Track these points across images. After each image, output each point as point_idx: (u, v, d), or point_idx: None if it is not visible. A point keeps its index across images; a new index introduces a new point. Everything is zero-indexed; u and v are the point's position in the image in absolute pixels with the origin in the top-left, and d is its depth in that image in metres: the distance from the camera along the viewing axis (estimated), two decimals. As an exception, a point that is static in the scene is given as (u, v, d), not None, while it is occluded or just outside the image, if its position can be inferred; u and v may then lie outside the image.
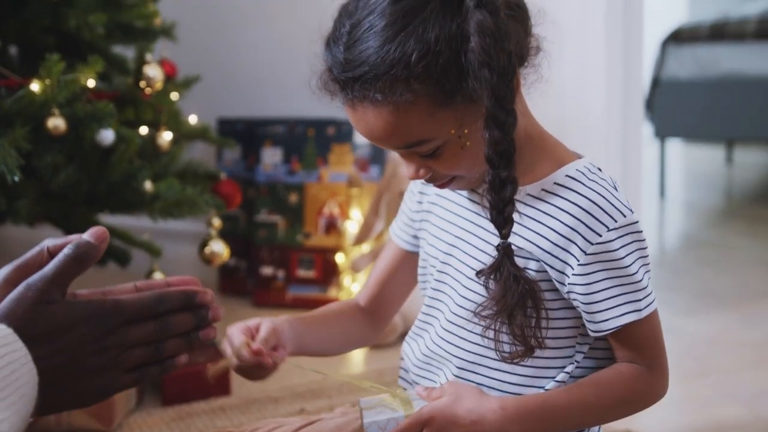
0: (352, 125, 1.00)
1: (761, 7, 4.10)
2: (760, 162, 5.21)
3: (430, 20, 0.90)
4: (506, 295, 0.95)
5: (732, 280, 2.61)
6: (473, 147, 0.96)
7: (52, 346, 0.77)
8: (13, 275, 0.82)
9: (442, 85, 0.92)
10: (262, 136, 2.47)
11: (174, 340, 0.85)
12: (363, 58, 0.92)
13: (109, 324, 0.80)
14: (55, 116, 1.61)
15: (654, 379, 1.04)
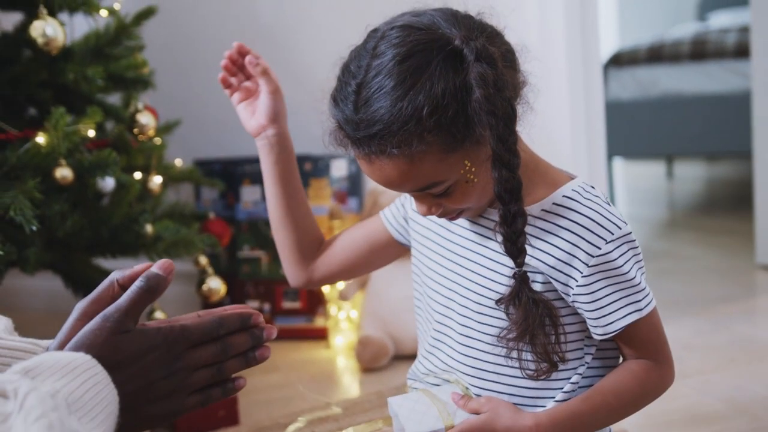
0: (367, 174, 1.06)
1: (693, 30, 4.33)
2: (699, 175, 5.45)
3: (436, 76, 0.97)
4: (527, 319, 1.03)
5: (691, 287, 2.76)
6: (480, 182, 1.04)
7: (128, 372, 0.83)
8: (89, 308, 0.89)
9: (452, 134, 0.99)
10: (240, 174, 2.54)
11: (233, 360, 0.92)
12: (377, 117, 0.99)
13: (177, 349, 0.87)
14: (62, 166, 1.67)
15: (662, 370, 1.14)
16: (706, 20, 5.62)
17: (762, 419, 1.72)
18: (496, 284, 1.12)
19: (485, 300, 1.13)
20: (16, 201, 1.55)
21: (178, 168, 2.18)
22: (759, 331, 2.33)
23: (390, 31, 1.04)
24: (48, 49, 1.71)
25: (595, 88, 2.29)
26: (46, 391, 0.72)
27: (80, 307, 0.90)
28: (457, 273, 1.17)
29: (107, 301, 0.90)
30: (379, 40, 1.04)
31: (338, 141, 1.08)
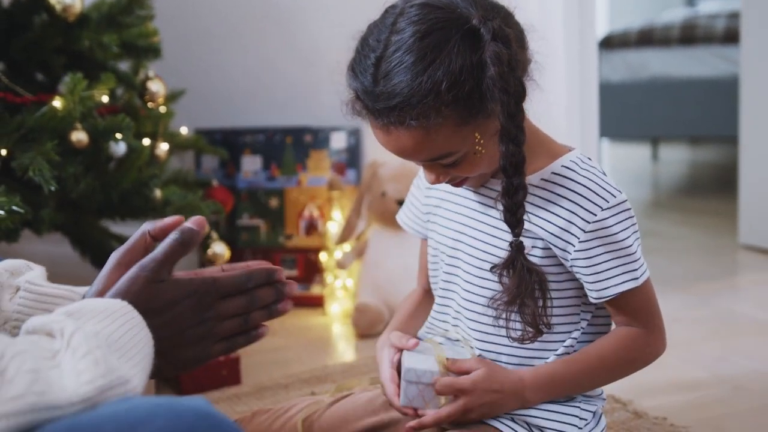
0: (381, 144, 1.12)
1: (682, 15, 4.40)
2: (683, 158, 5.54)
3: (454, 53, 1.03)
4: (520, 286, 1.10)
5: (678, 265, 2.85)
6: (487, 153, 1.10)
7: (162, 319, 0.88)
8: (123, 258, 0.94)
9: (467, 108, 1.05)
10: (241, 144, 2.60)
11: (258, 311, 0.97)
12: (397, 90, 1.04)
13: (208, 299, 0.92)
14: (78, 130, 1.72)
15: (652, 338, 1.19)
16: (695, 5, 5.69)
17: (743, 387, 1.81)
18: (496, 249, 1.17)
19: (486, 264, 1.18)
20: (35, 162, 1.60)
21: (183, 136, 2.23)
22: (741, 306, 2.42)
23: (409, 9, 1.08)
24: (65, 16, 1.75)
25: (590, 69, 2.36)
26: (90, 331, 0.78)
27: (115, 257, 0.95)
28: (461, 241, 1.23)
29: (140, 250, 0.95)
30: (398, 16, 1.09)
31: (355, 111, 1.13)
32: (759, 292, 2.52)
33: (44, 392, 0.70)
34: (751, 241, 2.94)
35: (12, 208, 1.52)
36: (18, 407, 0.67)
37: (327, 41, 2.62)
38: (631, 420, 1.64)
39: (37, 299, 1.00)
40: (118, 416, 0.70)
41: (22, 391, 0.68)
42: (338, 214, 2.49)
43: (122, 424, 0.69)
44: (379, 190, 2.30)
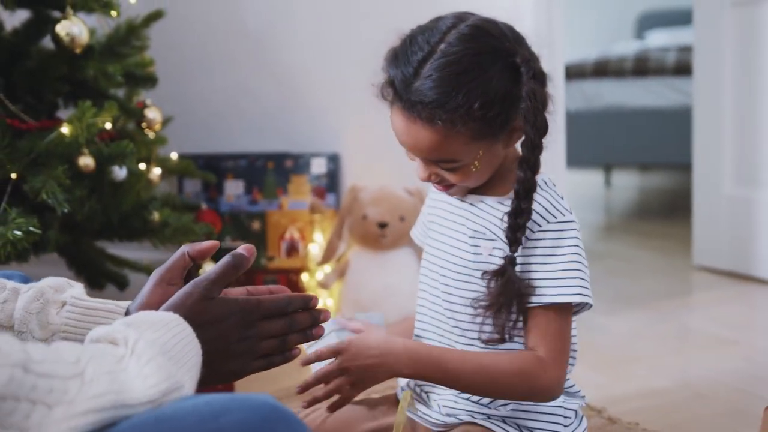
0: (396, 130, 1.22)
1: (635, 48, 4.61)
2: (634, 184, 5.76)
3: (495, 79, 1.16)
4: (501, 294, 1.19)
5: (636, 285, 3.00)
6: (479, 170, 1.22)
7: (210, 333, 0.96)
8: (164, 275, 1.05)
9: (488, 128, 1.17)
10: (224, 169, 2.70)
11: (295, 334, 1.06)
12: (435, 93, 1.15)
13: (252, 318, 1.01)
14: (85, 155, 1.81)
15: (546, 367, 1.20)
16: (644, 38, 5.94)
17: (704, 395, 1.95)
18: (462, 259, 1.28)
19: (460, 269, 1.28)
20: (47, 185, 1.69)
21: (174, 161, 2.33)
22: (698, 322, 2.58)
23: (464, 27, 1.19)
24: (72, 47, 1.84)
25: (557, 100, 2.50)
26: (150, 339, 0.88)
27: (157, 274, 1.05)
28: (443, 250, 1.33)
29: (179, 269, 1.06)
30: (450, 28, 1.19)
31: (384, 95, 1.23)
32: (714, 309, 2.68)
33: (121, 391, 0.78)
34: (704, 262, 3.12)
35: (29, 229, 1.60)
36: (100, 404, 0.75)
37: (305, 70, 2.74)
38: (607, 426, 1.77)
39: (84, 313, 1.08)
40: (199, 408, 0.79)
41: (102, 390, 0.76)
42: (319, 236, 2.60)
43: (205, 415, 0.78)
44: (360, 213, 2.41)
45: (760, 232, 2.89)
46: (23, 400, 0.70)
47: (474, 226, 1.28)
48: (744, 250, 2.95)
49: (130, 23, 2.07)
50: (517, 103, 1.18)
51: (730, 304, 2.74)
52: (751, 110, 2.89)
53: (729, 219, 3.00)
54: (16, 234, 1.60)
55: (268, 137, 2.77)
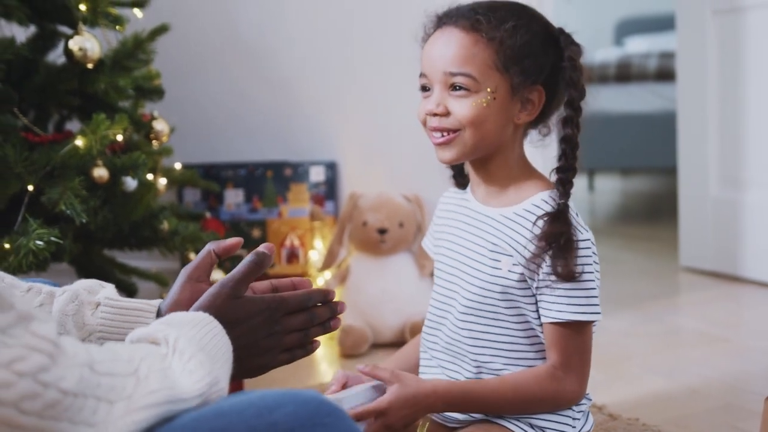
0: (424, 56, 1.28)
1: (617, 54, 4.71)
2: (617, 187, 5.86)
3: (539, 33, 1.26)
4: (559, 232, 1.22)
5: (626, 286, 3.08)
6: (490, 114, 1.25)
7: (239, 330, 1.01)
8: (192, 273, 1.11)
9: (516, 67, 1.23)
10: (224, 178, 2.75)
11: (317, 327, 1.12)
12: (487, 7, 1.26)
13: (277, 315, 1.06)
14: (99, 167, 1.87)
15: (568, 384, 1.26)
16: (623, 45, 6.04)
17: (698, 391, 2.03)
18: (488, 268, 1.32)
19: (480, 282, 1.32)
20: (65, 196, 1.74)
21: (178, 171, 2.38)
22: (687, 322, 2.67)
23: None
24: (84, 61, 1.90)
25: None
26: (189, 337, 0.93)
27: (185, 272, 1.11)
28: (458, 260, 1.37)
29: (207, 266, 1.11)
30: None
31: (425, 31, 1.31)
32: (702, 308, 2.77)
33: (173, 386, 0.83)
34: (691, 264, 3.21)
35: (51, 239, 1.65)
36: (157, 399, 0.80)
37: (302, 81, 2.81)
38: (608, 422, 1.84)
39: (118, 312, 1.12)
40: (254, 402, 0.85)
41: (157, 386, 0.81)
42: (320, 243, 2.66)
43: (261, 408, 0.84)
44: (361, 220, 2.48)
45: (745, 233, 2.98)
46: (90, 397, 0.75)
47: (494, 239, 1.31)
48: (730, 251, 3.04)
49: (137, 37, 2.12)
50: (546, 70, 1.25)
51: (718, 303, 2.83)
52: (734, 114, 2.98)
53: (714, 221, 3.09)
54: (38, 244, 1.65)
55: (267, 146, 2.83)
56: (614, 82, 4.37)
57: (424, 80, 1.30)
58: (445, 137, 1.27)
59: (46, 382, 0.71)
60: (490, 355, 1.33)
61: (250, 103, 2.86)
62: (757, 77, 2.90)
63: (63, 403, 0.72)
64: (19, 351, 0.70)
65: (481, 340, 1.34)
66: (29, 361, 0.70)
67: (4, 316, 0.70)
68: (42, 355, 0.72)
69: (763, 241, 2.94)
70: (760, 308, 2.80)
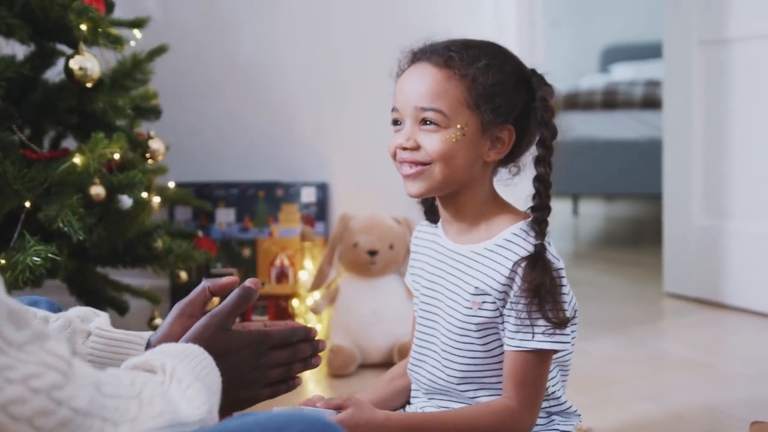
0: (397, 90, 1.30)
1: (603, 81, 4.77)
2: (601, 212, 5.92)
3: (512, 72, 1.30)
4: (543, 278, 1.24)
5: (610, 311, 3.12)
6: (459, 150, 1.27)
7: (227, 363, 1.03)
8: (185, 308, 1.13)
9: (487, 105, 1.26)
10: (215, 197, 2.77)
11: (299, 363, 1.15)
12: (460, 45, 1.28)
13: (263, 349, 1.10)
14: (96, 185, 1.89)
15: (521, 418, 1.29)
16: (609, 72, 6.13)
17: (684, 416, 2.06)
18: (465, 301, 1.35)
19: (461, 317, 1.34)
20: (62, 214, 1.76)
21: (171, 190, 2.40)
22: (672, 347, 2.71)
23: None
24: (84, 81, 1.92)
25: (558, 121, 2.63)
26: (185, 365, 0.95)
27: (178, 307, 1.13)
28: (436, 298, 1.40)
29: (200, 303, 1.14)
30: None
31: (399, 66, 1.34)
32: (686, 334, 2.81)
33: (176, 411, 0.85)
34: (674, 290, 3.25)
35: (48, 256, 1.67)
36: (161, 423, 0.82)
37: (294, 102, 2.84)
38: (594, 444, 1.88)
39: (108, 343, 1.14)
40: (261, 423, 0.87)
41: (161, 409, 0.83)
42: (310, 263, 2.69)
43: (268, 428, 0.86)
44: (351, 241, 2.50)
45: (728, 260, 3.03)
46: (97, 417, 0.77)
47: (468, 278, 1.33)
48: (713, 278, 3.09)
49: (135, 57, 2.15)
50: (517, 110, 1.28)
51: (701, 329, 2.87)
52: (719, 143, 3.04)
53: (698, 248, 3.14)
54: (35, 260, 1.66)
55: (259, 167, 2.85)
56: (600, 108, 4.43)
57: (396, 114, 1.31)
58: (414, 170, 1.29)
59: (59, 400, 0.73)
60: (475, 390, 1.36)
61: (244, 124, 2.89)
62: (741, 107, 2.96)
63: (74, 421, 0.74)
64: (35, 368, 0.72)
65: (466, 377, 1.36)
66: (44, 378, 0.72)
67: (21, 334, 0.72)
68: (57, 373, 0.73)
69: (745, 268, 2.99)
70: (742, 334, 2.84)
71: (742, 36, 2.94)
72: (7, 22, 1.88)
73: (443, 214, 1.40)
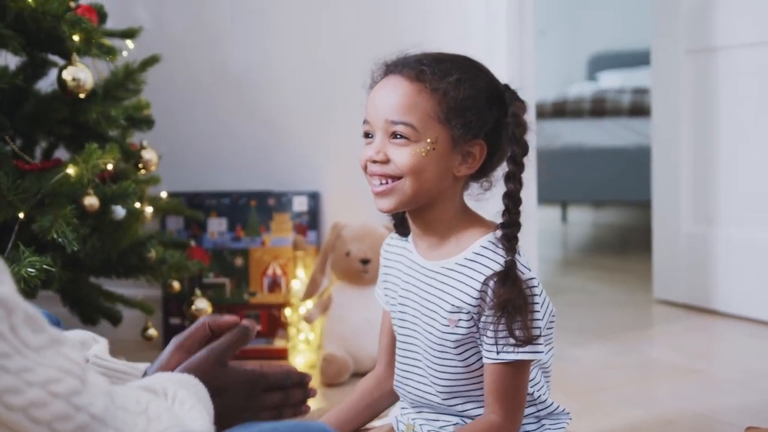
0: (369, 102, 1.30)
1: (591, 89, 4.81)
2: (589, 220, 5.96)
3: (484, 88, 1.29)
4: (511, 295, 1.24)
5: (600, 318, 3.14)
6: (429, 164, 1.26)
7: (219, 399, 1.02)
8: (183, 342, 1.11)
9: (458, 120, 1.25)
10: (207, 207, 2.78)
11: (289, 408, 1.14)
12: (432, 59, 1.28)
13: (256, 389, 1.10)
14: (90, 195, 1.89)
15: (505, 430, 1.29)
16: (596, 80, 6.16)
17: (675, 421, 2.08)
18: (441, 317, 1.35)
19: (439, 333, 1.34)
20: (56, 224, 1.76)
21: (164, 200, 2.41)
22: (662, 353, 2.73)
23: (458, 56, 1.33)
24: (77, 91, 1.93)
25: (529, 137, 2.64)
26: (187, 391, 0.95)
27: (176, 341, 1.11)
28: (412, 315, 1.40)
29: (199, 338, 1.12)
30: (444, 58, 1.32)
31: (372, 78, 1.34)
32: (675, 340, 2.83)
33: (183, 425, 0.87)
34: (663, 296, 3.27)
35: (43, 267, 1.68)
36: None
37: (286, 112, 2.85)
38: (586, 450, 1.89)
39: (104, 372, 1.12)
40: None
41: (168, 424, 0.84)
42: (302, 272, 2.69)
43: None
44: (344, 250, 2.51)
45: (717, 267, 3.06)
46: (110, 427, 0.78)
47: (442, 294, 1.33)
48: (702, 285, 3.11)
49: (128, 67, 2.16)
50: (489, 125, 1.27)
51: (691, 335, 2.90)
52: (707, 150, 3.07)
53: (687, 254, 3.16)
54: (30, 272, 1.67)
55: (251, 176, 2.86)
56: (589, 116, 4.47)
57: (367, 127, 1.31)
58: (384, 186, 1.29)
59: (78, 405, 0.74)
60: (463, 403, 1.37)
61: (235, 133, 2.90)
62: (729, 115, 2.99)
63: (90, 427, 0.75)
64: (54, 372, 0.73)
65: (451, 392, 1.37)
66: (64, 383, 0.73)
67: (39, 337, 0.73)
68: (75, 378, 0.74)
69: (734, 274, 3.01)
70: (731, 340, 2.87)
71: (729, 44, 2.97)
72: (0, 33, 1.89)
73: (413, 229, 1.39)
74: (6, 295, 0.70)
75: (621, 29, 6.59)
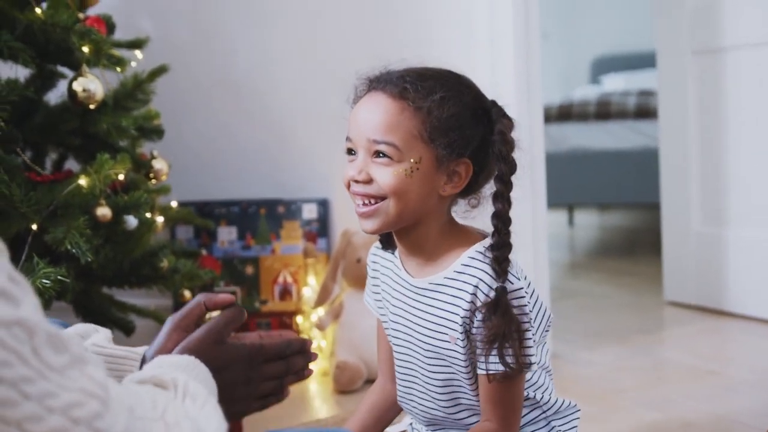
0: (352, 118, 1.26)
1: (597, 92, 4.80)
2: (596, 223, 5.95)
3: (469, 104, 1.23)
4: (502, 324, 1.20)
5: (611, 321, 3.14)
6: (412, 184, 1.21)
7: (220, 376, 1.01)
8: (180, 322, 1.10)
9: (442, 139, 1.21)
10: (217, 215, 2.78)
11: (291, 376, 1.14)
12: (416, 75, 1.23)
13: (257, 362, 1.09)
14: (102, 206, 1.89)
15: None
16: (600, 83, 6.16)
17: (692, 424, 2.07)
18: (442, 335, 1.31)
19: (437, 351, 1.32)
20: (69, 235, 1.76)
21: (174, 209, 2.41)
22: (675, 355, 2.72)
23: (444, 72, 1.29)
24: (88, 102, 1.92)
25: (538, 142, 2.64)
26: (195, 378, 0.95)
27: (173, 320, 1.10)
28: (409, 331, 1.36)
29: (195, 317, 1.11)
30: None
31: (356, 93, 1.30)
32: (688, 342, 2.82)
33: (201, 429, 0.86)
34: (674, 298, 3.26)
35: (57, 278, 1.67)
36: None
37: (294, 120, 2.85)
38: (605, 454, 1.88)
39: (104, 360, 1.11)
40: None
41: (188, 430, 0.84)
42: (313, 279, 2.69)
43: None
44: (354, 257, 2.51)
45: (727, 267, 3.05)
46: None
47: (434, 311, 1.30)
48: (713, 286, 3.10)
49: (137, 78, 2.16)
50: (475, 143, 1.23)
51: (704, 337, 2.89)
52: (715, 151, 3.06)
53: (697, 255, 3.15)
54: (45, 283, 1.66)
55: (260, 184, 2.86)
56: (594, 119, 4.46)
57: (350, 144, 1.26)
58: (368, 208, 1.24)
59: (99, 429, 0.73)
60: (468, 415, 1.35)
61: (244, 142, 2.90)
62: (736, 115, 2.99)
63: None
64: (76, 396, 0.72)
65: (455, 405, 1.35)
66: (86, 407, 0.72)
67: (62, 358, 0.72)
68: (97, 401, 0.73)
69: (745, 275, 3.00)
70: (744, 341, 2.86)
71: (735, 45, 2.96)
72: (9, 46, 1.89)
73: (400, 248, 1.35)
74: (27, 317, 0.69)
75: (623, 32, 6.59)
